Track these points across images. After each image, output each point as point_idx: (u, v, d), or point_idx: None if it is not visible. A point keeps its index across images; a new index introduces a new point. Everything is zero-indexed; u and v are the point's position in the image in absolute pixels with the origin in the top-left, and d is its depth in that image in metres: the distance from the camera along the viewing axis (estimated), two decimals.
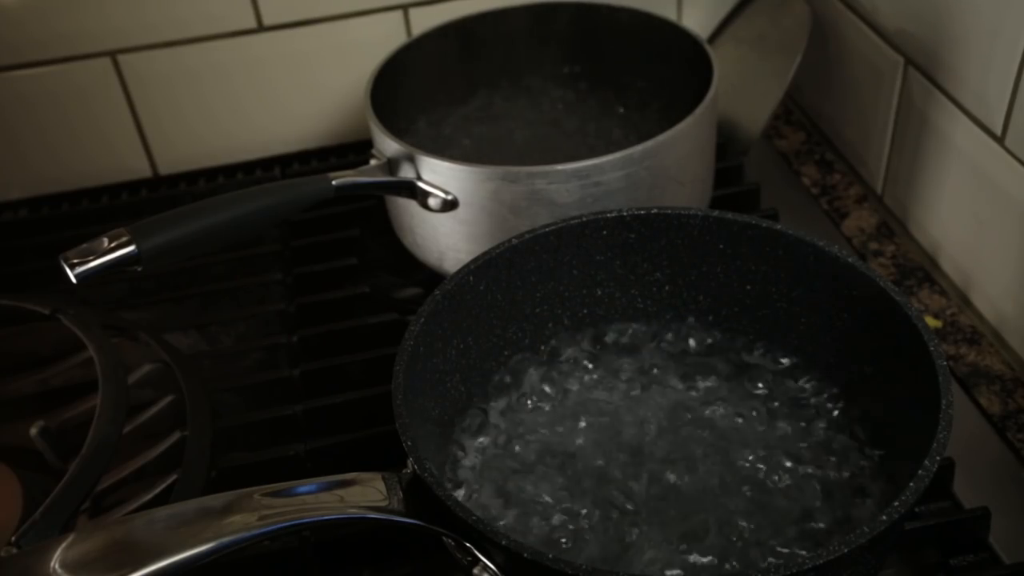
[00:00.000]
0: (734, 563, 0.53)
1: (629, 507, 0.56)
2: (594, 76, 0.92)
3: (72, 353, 0.69)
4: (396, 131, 0.76)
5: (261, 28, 0.92)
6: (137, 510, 0.59)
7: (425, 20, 0.92)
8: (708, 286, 0.66)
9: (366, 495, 0.49)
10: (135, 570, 0.42)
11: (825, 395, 0.62)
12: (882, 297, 0.56)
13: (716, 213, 0.63)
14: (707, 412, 0.62)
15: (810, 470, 0.58)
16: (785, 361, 0.64)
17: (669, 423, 0.61)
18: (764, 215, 0.79)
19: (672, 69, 0.86)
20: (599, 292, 0.67)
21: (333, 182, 0.71)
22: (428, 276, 0.80)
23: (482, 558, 0.49)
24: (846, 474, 0.57)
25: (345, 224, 0.87)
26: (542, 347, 0.66)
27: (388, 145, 0.74)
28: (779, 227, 0.62)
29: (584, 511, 0.56)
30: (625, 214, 0.64)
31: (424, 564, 0.60)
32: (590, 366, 0.66)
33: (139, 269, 0.62)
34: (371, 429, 0.67)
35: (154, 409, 0.66)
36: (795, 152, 0.97)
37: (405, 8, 0.94)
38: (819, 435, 0.60)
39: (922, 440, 0.49)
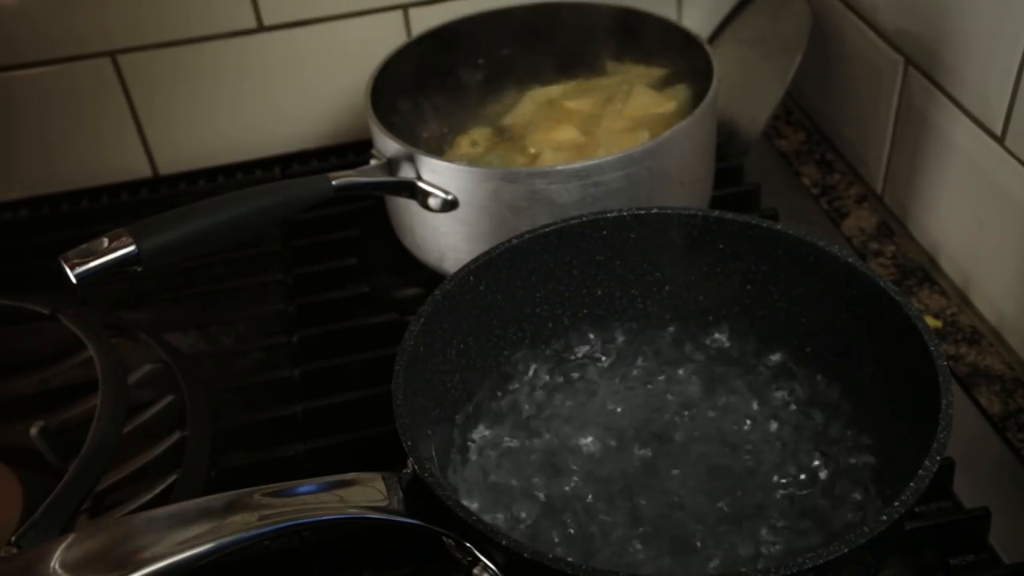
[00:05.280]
0: (732, 563, 0.53)
1: (628, 507, 0.56)
2: (594, 76, 0.92)
3: (72, 353, 0.69)
4: (396, 131, 0.76)
5: (261, 28, 0.92)
6: (137, 510, 0.59)
7: (425, 20, 0.92)
8: (708, 286, 0.66)
9: (366, 495, 0.49)
10: (135, 570, 0.42)
11: (825, 395, 0.62)
12: (882, 297, 0.56)
13: (716, 213, 0.63)
14: (707, 411, 0.62)
15: (809, 469, 0.58)
16: (785, 361, 0.64)
17: (669, 423, 0.61)
18: (764, 215, 0.79)
19: (672, 69, 0.86)
20: (599, 292, 0.67)
21: (333, 182, 0.71)
22: (428, 276, 0.80)
23: (482, 558, 0.49)
24: (846, 474, 0.57)
25: (345, 224, 0.87)
26: (542, 347, 0.66)
27: (388, 145, 0.75)
28: (779, 227, 0.62)
29: (585, 511, 0.56)
30: (625, 214, 0.64)
31: (424, 564, 0.60)
32: (590, 366, 0.66)
33: (139, 269, 0.63)
34: (371, 429, 0.67)
35: (154, 409, 0.66)
36: (795, 152, 0.97)
37: (405, 8, 0.94)
38: (818, 435, 0.60)
39: (922, 440, 0.49)
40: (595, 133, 0.80)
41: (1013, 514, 0.62)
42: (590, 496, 0.57)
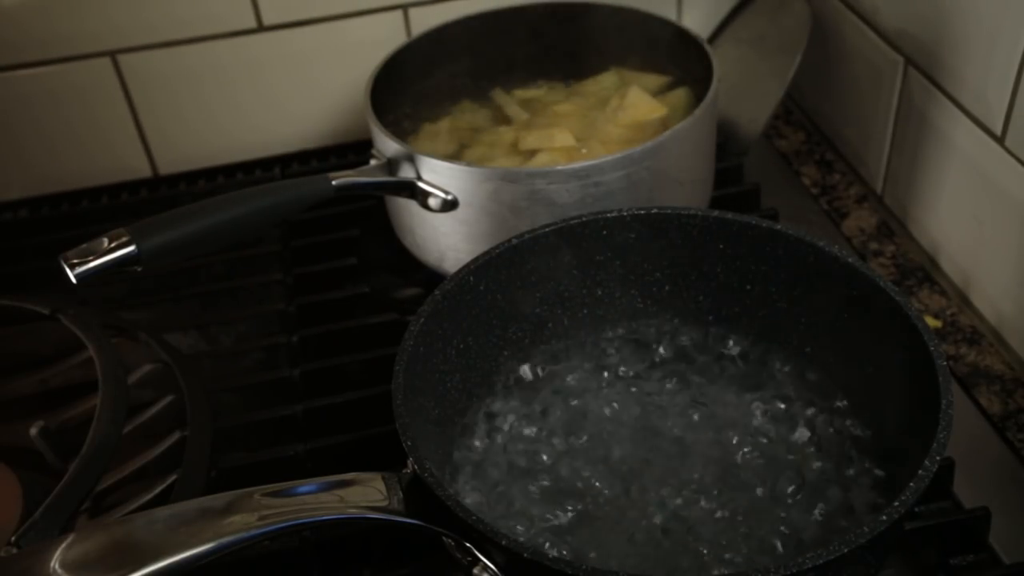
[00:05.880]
0: (731, 562, 0.53)
1: (629, 508, 0.56)
2: (593, 77, 0.92)
3: (72, 353, 0.69)
4: (396, 131, 0.76)
5: (261, 28, 0.92)
6: (137, 510, 0.59)
7: (425, 20, 0.92)
8: (708, 286, 0.66)
9: (366, 495, 0.49)
10: (135, 570, 0.42)
11: (825, 395, 0.62)
12: (882, 297, 0.56)
13: (716, 213, 0.63)
14: (707, 412, 0.62)
15: (810, 470, 0.58)
16: (785, 361, 0.64)
17: (669, 423, 0.61)
18: (764, 215, 0.79)
19: (672, 69, 0.86)
20: (599, 292, 0.67)
21: (333, 182, 0.71)
22: (428, 276, 0.80)
23: (482, 558, 0.49)
24: (846, 474, 0.57)
25: (345, 224, 0.87)
26: (542, 347, 0.66)
27: (388, 145, 0.75)
28: (779, 227, 0.62)
29: (584, 511, 0.56)
30: (625, 214, 0.64)
31: (424, 564, 0.60)
32: (590, 366, 0.66)
33: (139, 269, 0.63)
34: (371, 429, 0.67)
35: (154, 409, 0.66)
36: (795, 152, 0.97)
37: (405, 8, 0.94)
38: (819, 435, 0.60)
39: (922, 440, 0.49)
40: (589, 140, 0.80)
41: (1013, 514, 0.62)
42: (590, 496, 0.57)
